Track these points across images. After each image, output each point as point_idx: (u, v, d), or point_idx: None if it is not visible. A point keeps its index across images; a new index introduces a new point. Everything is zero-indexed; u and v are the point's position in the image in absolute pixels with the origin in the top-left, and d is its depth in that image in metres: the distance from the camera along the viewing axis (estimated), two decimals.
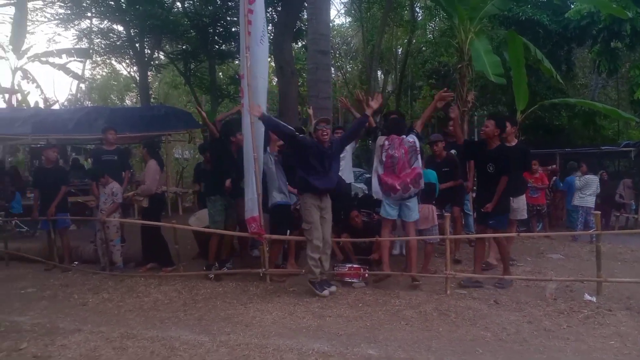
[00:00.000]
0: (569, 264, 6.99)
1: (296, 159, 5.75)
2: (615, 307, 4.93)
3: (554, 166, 11.81)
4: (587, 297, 5.20)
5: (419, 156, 5.77)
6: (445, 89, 6.45)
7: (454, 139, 7.01)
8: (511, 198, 6.65)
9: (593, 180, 9.55)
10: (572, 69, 16.95)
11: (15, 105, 18.10)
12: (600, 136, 16.98)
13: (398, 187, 5.62)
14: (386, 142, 5.77)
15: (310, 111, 7.51)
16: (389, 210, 5.82)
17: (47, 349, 4.15)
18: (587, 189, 9.43)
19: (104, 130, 8.06)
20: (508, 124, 6.44)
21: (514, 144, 6.67)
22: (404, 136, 5.75)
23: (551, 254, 7.64)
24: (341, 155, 6.30)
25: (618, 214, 10.81)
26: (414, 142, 5.73)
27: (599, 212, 5.78)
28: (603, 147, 12.85)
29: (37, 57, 17.97)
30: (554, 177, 11.03)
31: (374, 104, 5.91)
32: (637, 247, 8.05)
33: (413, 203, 5.78)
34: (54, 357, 3.98)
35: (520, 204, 6.76)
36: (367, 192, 8.48)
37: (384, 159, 5.74)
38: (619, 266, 6.90)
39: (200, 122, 15.16)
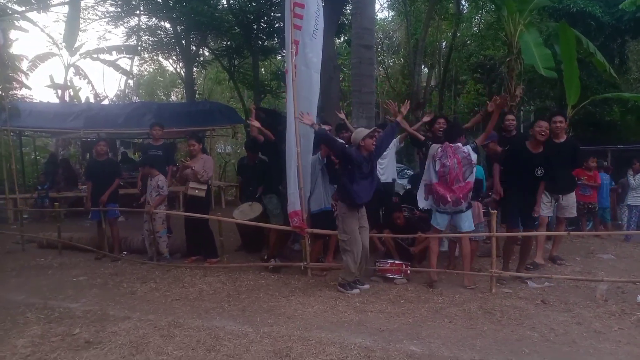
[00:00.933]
0: (621, 265, 6.71)
1: (341, 169, 5.73)
2: None
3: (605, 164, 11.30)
4: None
5: (474, 170, 5.57)
6: (500, 95, 6.23)
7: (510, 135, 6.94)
8: (560, 196, 6.48)
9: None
10: (626, 62, 16.17)
11: (67, 101, 18.92)
12: None
13: (449, 200, 5.43)
14: (439, 151, 5.58)
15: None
16: (439, 220, 5.67)
17: (98, 335, 4.32)
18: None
19: (151, 126, 8.35)
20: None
21: (563, 139, 6.45)
22: (459, 144, 5.56)
23: (602, 254, 7.34)
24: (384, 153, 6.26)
25: None
26: (469, 153, 5.50)
27: None
28: None
29: (88, 54, 18.73)
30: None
31: (404, 110, 5.86)
32: None
33: (467, 213, 5.59)
34: (104, 342, 4.14)
35: (569, 202, 6.56)
36: (408, 188, 8.40)
37: (437, 168, 5.54)
38: None
39: (244, 118, 15.43)
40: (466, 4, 21.83)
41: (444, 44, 24.65)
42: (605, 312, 4.71)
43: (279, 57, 21.75)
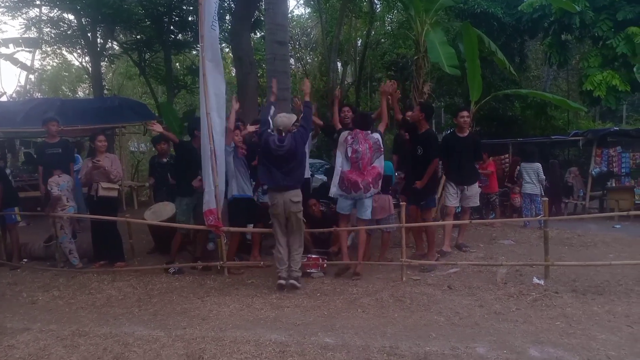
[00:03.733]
0: (519, 250, 7.25)
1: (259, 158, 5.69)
2: (561, 289, 5.15)
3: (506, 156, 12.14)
4: (536, 280, 5.41)
5: (382, 156, 5.77)
6: (389, 81, 6.56)
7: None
8: (465, 186, 6.86)
9: (532, 168, 9.45)
10: (525, 60, 17.45)
11: None
12: (551, 126, 17.56)
13: (360, 186, 5.60)
14: (349, 137, 5.73)
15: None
16: (343, 205, 5.87)
17: None
18: (524, 177, 9.55)
19: (44, 122, 7.72)
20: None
21: (466, 134, 6.84)
22: (369, 132, 5.74)
23: (502, 240, 7.89)
24: None
25: (567, 201, 11.24)
26: (378, 139, 5.71)
27: (547, 199, 6.02)
28: (553, 137, 13.31)
29: None
30: (517, 167, 11.27)
31: (305, 88, 5.93)
32: (584, 232, 8.42)
33: (368, 201, 5.79)
34: (0, 358, 3.84)
35: (473, 192, 6.96)
36: (323, 182, 8.52)
37: (349, 154, 5.68)
38: (566, 250, 7.20)
39: (156, 114, 14.86)
40: (379, 3, 22.44)
41: (359, 41, 25.22)
42: (505, 294, 5.06)
43: (194, 52, 21.18)
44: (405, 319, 4.44)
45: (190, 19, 16.75)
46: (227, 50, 19.78)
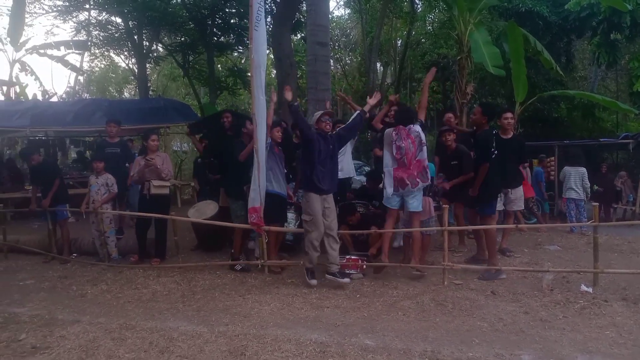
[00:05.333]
0: (566, 255, 7.02)
1: (302, 155, 5.77)
2: (611, 297, 4.96)
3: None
4: (584, 288, 5.23)
5: (424, 148, 5.72)
6: (432, 68, 6.51)
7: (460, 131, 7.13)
8: (509, 190, 6.71)
9: (577, 172, 9.18)
10: (572, 60, 16.92)
11: (13, 98, 18.08)
12: (599, 128, 16.96)
13: (407, 182, 5.58)
14: (394, 134, 5.72)
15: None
16: (390, 200, 5.81)
17: (45, 339, 4.17)
18: (568, 182, 9.26)
19: (106, 123, 8.06)
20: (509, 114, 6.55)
21: (510, 136, 6.68)
22: (411, 126, 5.70)
23: (548, 245, 7.66)
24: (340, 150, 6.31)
25: (616, 206, 10.82)
26: (419, 132, 5.68)
27: (597, 204, 5.80)
28: (602, 140, 12.84)
29: (35, 49, 17.92)
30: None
31: (372, 101, 6.01)
32: (634, 239, 8.07)
33: (418, 194, 5.73)
34: (52, 348, 4.00)
35: (517, 195, 6.80)
36: (363, 184, 8.51)
37: (394, 152, 5.68)
38: (616, 257, 6.92)
39: (199, 115, 15.19)
40: (420, 3, 22.23)
41: (399, 42, 25.05)
42: (551, 301, 4.91)
43: (235, 54, 21.54)
44: (447, 323, 4.38)
45: (232, 21, 17.05)
46: (267, 51, 20.02)
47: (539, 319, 4.46)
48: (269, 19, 16.18)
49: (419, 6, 22.69)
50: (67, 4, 16.67)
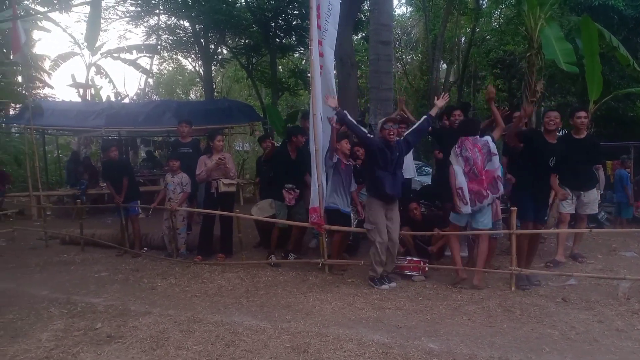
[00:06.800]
0: None
1: (366, 161, 5.73)
2: None
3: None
4: None
5: (495, 158, 5.43)
6: (490, 86, 6.23)
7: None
8: (582, 192, 6.39)
9: None
10: None
11: (89, 99, 19.23)
12: None
13: (484, 194, 5.32)
14: (457, 148, 5.50)
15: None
16: (460, 218, 5.60)
17: (119, 329, 4.40)
18: None
19: (179, 123, 8.40)
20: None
21: (583, 136, 6.34)
22: (477, 137, 5.48)
23: (624, 251, 7.21)
24: None
25: None
26: (488, 141, 5.43)
27: None
28: None
29: (109, 53, 19.03)
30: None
31: (440, 103, 5.83)
32: None
33: (488, 209, 5.48)
34: (126, 337, 4.22)
35: (590, 198, 6.46)
36: (425, 185, 8.37)
37: (463, 165, 5.45)
38: None
39: (262, 115, 15.51)
40: None
41: (463, 39, 24.42)
42: (628, 311, 4.63)
43: (296, 55, 21.80)
44: (515, 330, 4.22)
45: (294, 23, 17.25)
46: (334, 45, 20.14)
47: (615, 328, 4.22)
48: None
49: (484, 2, 22.03)
50: (139, 9, 17.49)
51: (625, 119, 15.53)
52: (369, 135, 5.71)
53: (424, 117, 5.83)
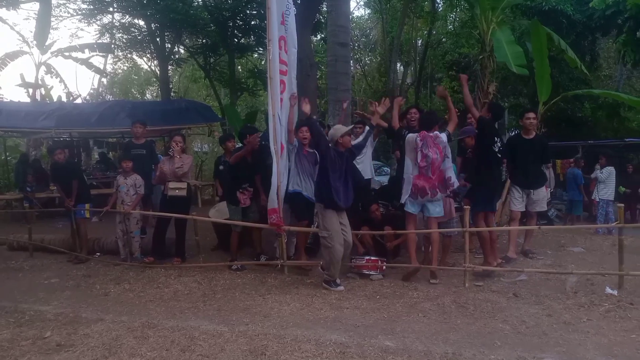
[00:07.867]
0: (590, 257, 6.88)
1: (319, 170, 5.76)
2: (637, 300, 4.84)
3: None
4: (609, 290, 5.12)
5: (448, 160, 5.68)
6: (439, 87, 6.50)
7: None
8: (531, 190, 6.61)
9: (612, 172, 9.38)
10: (597, 59, 16.58)
11: (39, 100, 18.49)
12: (625, 128, 16.58)
13: (427, 192, 5.56)
14: (418, 140, 5.63)
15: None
16: (410, 207, 5.77)
17: (70, 337, 4.25)
18: (608, 182, 9.25)
19: (132, 124, 8.15)
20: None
21: (532, 136, 6.58)
22: (437, 133, 5.63)
23: (572, 247, 7.53)
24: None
25: None
26: (446, 143, 5.62)
27: (623, 205, 5.69)
28: (627, 140, 12.56)
29: (60, 52, 18.32)
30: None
31: (380, 109, 6.03)
32: None
33: (437, 202, 5.71)
34: (76, 345, 4.08)
35: (540, 196, 6.69)
36: (384, 185, 8.47)
37: (418, 160, 5.60)
38: None
39: (220, 116, 15.31)
40: (441, 2, 22.06)
41: (419, 42, 24.88)
42: (575, 304, 4.83)
43: (255, 55, 21.65)
44: (469, 325, 4.33)
45: (253, 23, 17.14)
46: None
47: (563, 321, 4.39)
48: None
49: (439, 5, 22.51)
50: (92, 7, 16.97)
51: (574, 119, 16.24)
52: (330, 146, 5.71)
53: (367, 130, 6.11)
